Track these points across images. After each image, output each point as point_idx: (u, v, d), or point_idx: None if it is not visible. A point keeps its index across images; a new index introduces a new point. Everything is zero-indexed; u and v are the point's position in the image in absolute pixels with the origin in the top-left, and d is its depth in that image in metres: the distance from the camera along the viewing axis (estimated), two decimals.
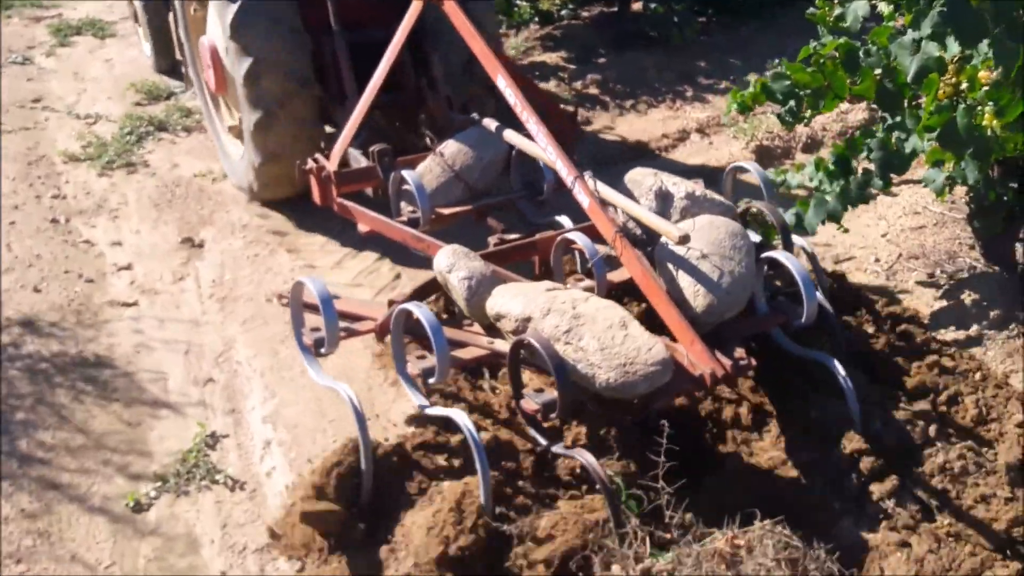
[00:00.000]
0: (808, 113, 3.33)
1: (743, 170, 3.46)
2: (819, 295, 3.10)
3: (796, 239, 3.28)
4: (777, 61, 3.54)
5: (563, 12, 7.56)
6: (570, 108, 4.26)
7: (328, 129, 4.46)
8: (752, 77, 5.86)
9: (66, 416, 3.31)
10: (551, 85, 6.24)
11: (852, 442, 2.71)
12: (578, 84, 6.25)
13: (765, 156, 5.22)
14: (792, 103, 3.35)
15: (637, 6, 7.45)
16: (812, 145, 5.30)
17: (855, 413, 2.79)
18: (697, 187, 3.23)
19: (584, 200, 3.01)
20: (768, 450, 2.80)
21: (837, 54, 3.25)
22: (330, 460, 2.65)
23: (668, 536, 2.34)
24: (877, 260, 4.13)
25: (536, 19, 7.40)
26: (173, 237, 4.48)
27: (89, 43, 7.36)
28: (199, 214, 4.69)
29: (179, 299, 3.99)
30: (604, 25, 7.33)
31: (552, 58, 6.72)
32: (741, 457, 2.82)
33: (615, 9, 7.58)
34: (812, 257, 3.33)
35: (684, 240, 2.80)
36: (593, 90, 6.25)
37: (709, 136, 5.56)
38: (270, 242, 4.35)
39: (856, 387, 2.81)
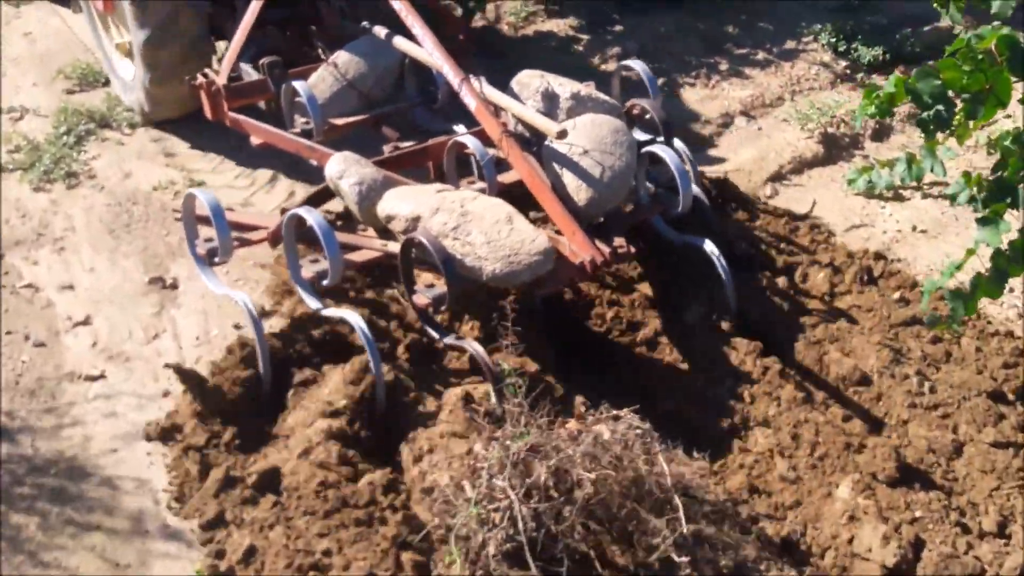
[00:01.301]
0: (963, 121, 2.49)
1: (629, 68, 3.58)
2: (695, 188, 3.29)
3: (675, 142, 3.44)
4: (820, 27, 2.88)
5: None
6: (457, 12, 4.26)
7: (222, 46, 4.37)
8: (790, 44, 5.24)
9: (32, 559, 2.53)
10: (566, 61, 5.18)
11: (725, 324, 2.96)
12: (596, 59, 5.27)
13: (831, 146, 4.48)
14: (941, 108, 2.44)
15: None
16: (881, 132, 4.60)
17: (728, 288, 3.02)
18: (583, 88, 3.33)
19: (471, 103, 3.08)
20: (649, 333, 3.01)
21: (995, 48, 2.40)
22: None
23: (546, 419, 2.51)
24: None
25: None
26: (137, 275, 3.54)
27: (1, 12, 5.91)
28: (166, 242, 3.72)
29: (156, 366, 3.10)
30: None
31: (560, 27, 5.62)
32: (624, 343, 3.02)
33: None
34: (690, 159, 3.48)
35: (562, 135, 2.92)
36: (613, 65, 5.14)
37: (756, 120, 4.77)
38: (260, 278, 3.42)
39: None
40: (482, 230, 2.69)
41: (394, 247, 2.86)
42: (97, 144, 4.41)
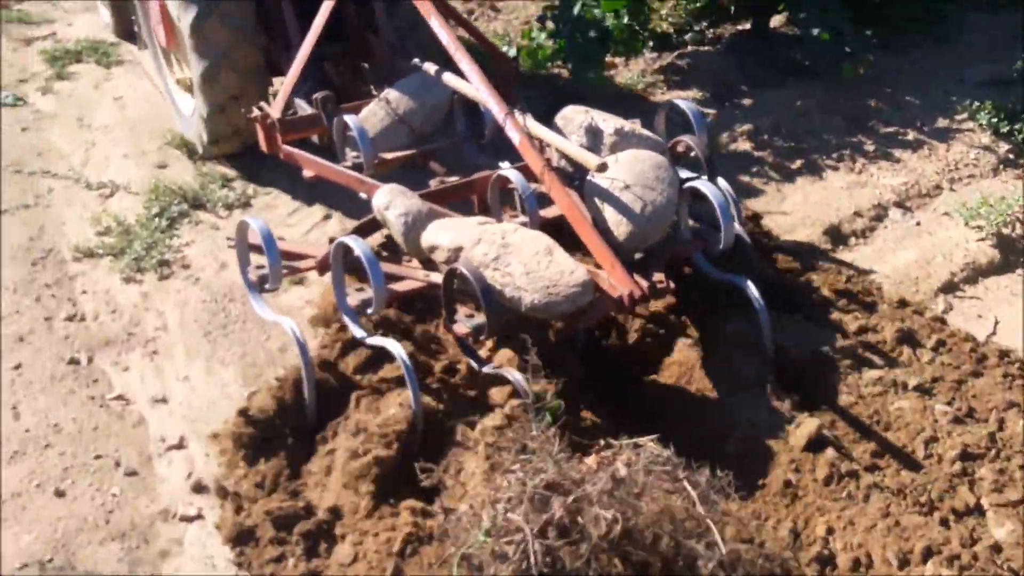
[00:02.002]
0: None
1: (676, 108, 3.63)
2: (736, 226, 3.30)
3: (719, 180, 3.46)
4: (975, 105, 2.73)
5: (687, 35, 5.88)
6: (511, 53, 4.39)
7: (279, 81, 4.55)
8: (942, 123, 4.73)
9: None
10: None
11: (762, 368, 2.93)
12: (724, 136, 4.84)
13: (1007, 250, 3.95)
14: None
15: (778, 22, 5.87)
16: None
17: (765, 328, 3.01)
18: (627, 124, 3.39)
19: (515, 137, 3.16)
20: (683, 363, 3.01)
21: None
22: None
23: (565, 453, 2.51)
24: None
25: (651, 45, 5.74)
26: (235, 388, 3.25)
27: (92, 74, 5.85)
28: (266, 348, 3.42)
29: None
30: (740, 51, 5.70)
31: (682, 98, 4.59)
32: (660, 372, 3.03)
33: (748, 27, 5.96)
34: (734, 198, 3.49)
35: (602, 168, 2.97)
36: (745, 144, 4.80)
37: (913, 213, 4.23)
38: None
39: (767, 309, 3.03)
40: (522, 261, 2.74)
41: (437, 277, 2.92)
42: (191, 228, 4.19)
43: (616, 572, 2.16)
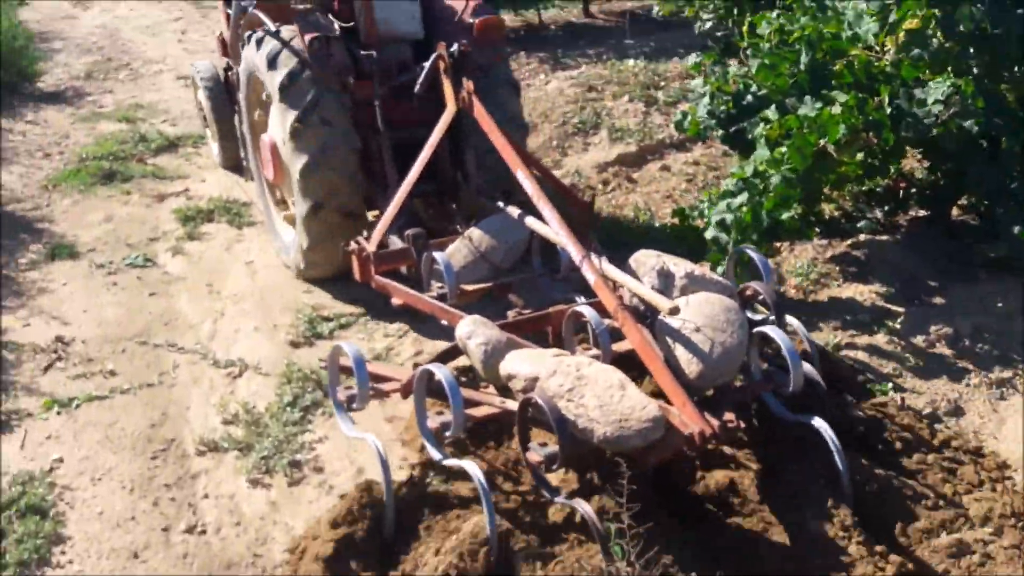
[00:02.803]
0: None
1: (746, 254, 3.81)
2: (809, 368, 3.39)
3: (790, 319, 3.57)
4: None
5: (859, 223, 5.19)
6: (587, 198, 4.68)
7: (372, 214, 4.93)
8: None
9: None
10: (879, 338, 4.25)
11: (840, 512, 2.93)
12: (919, 339, 4.23)
13: None
14: None
15: (960, 210, 5.21)
16: None
17: (843, 473, 3.02)
18: (697, 268, 3.57)
19: (591, 277, 3.36)
20: (755, 509, 3.02)
21: None
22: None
23: None
24: None
25: (818, 231, 5.06)
26: None
27: (224, 234, 5.73)
28: None
29: None
30: (920, 241, 5.02)
31: (864, 293, 4.62)
32: (729, 513, 3.04)
33: (926, 214, 5.24)
34: (809, 340, 3.58)
35: (674, 311, 3.12)
36: (943, 349, 4.21)
37: None
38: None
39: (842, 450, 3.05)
40: (595, 394, 2.87)
41: (512, 405, 3.07)
42: (323, 421, 3.82)
43: None
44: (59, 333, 4.62)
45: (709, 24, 7.18)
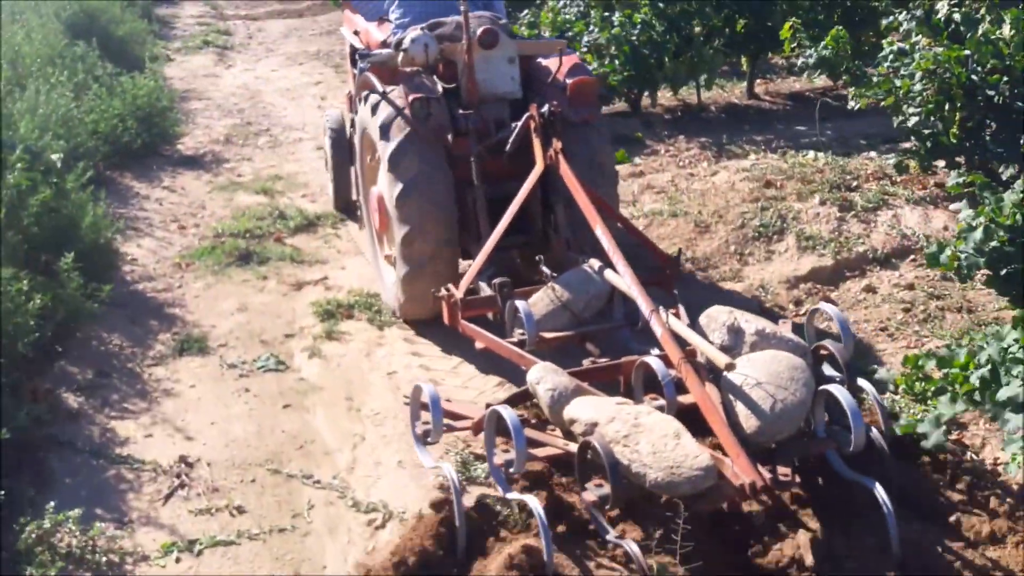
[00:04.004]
0: None
1: (824, 313, 3.87)
2: (874, 430, 3.41)
3: (861, 382, 3.59)
4: None
5: None
6: (672, 253, 4.83)
7: (467, 263, 5.25)
8: None
9: None
10: None
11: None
12: None
13: None
14: None
15: None
16: None
17: (893, 537, 3.03)
18: (768, 325, 3.67)
19: (657, 330, 3.54)
20: (804, 559, 3.07)
21: None
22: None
23: None
24: None
25: None
26: None
27: (364, 335, 5.20)
28: None
29: None
30: None
31: None
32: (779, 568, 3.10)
33: None
34: (880, 403, 3.58)
35: (729, 367, 3.25)
36: None
37: None
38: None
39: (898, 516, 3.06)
40: (650, 441, 3.02)
41: (574, 447, 3.26)
42: None
43: None
44: (183, 451, 4.15)
45: (915, 120, 6.04)
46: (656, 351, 4.04)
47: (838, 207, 6.14)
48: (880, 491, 3.11)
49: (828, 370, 3.68)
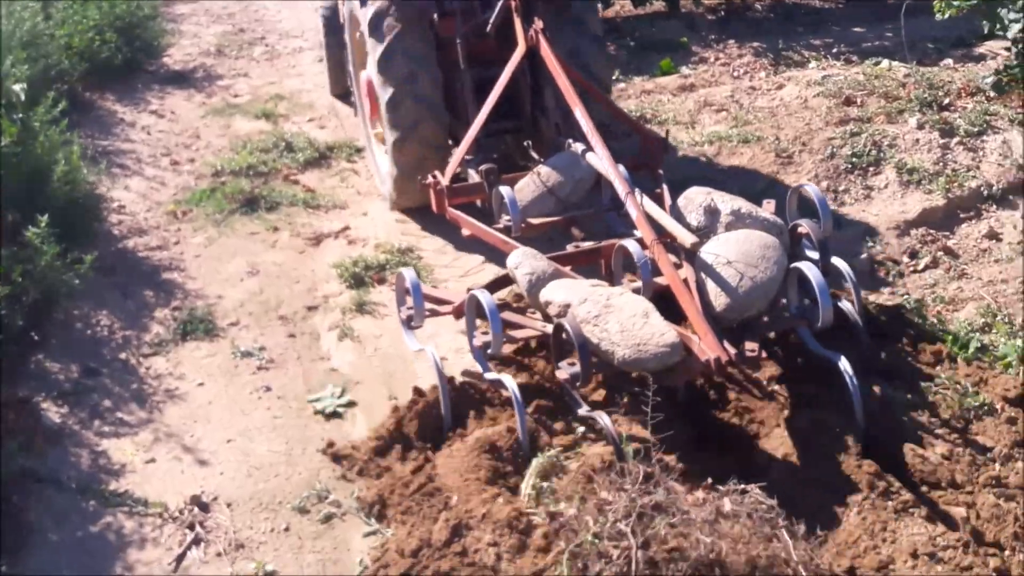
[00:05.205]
0: None
1: (806, 192, 3.88)
2: (847, 306, 3.50)
3: (837, 261, 3.64)
4: None
5: None
6: (660, 133, 4.79)
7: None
8: None
9: None
10: None
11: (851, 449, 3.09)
12: None
13: None
14: None
15: None
16: None
17: (857, 409, 3.16)
18: (744, 205, 3.69)
19: (632, 212, 3.59)
20: (773, 437, 3.23)
21: None
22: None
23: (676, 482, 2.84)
24: None
25: None
26: None
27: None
28: None
29: None
30: None
31: None
32: (747, 437, 3.27)
33: None
34: (853, 281, 3.63)
35: (695, 247, 3.33)
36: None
37: None
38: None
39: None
40: (619, 320, 3.13)
41: (550, 329, 3.38)
42: None
43: None
44: (195, 483, 3.39)
45: (1017, 27, 5.01)
46: (637, 234, 4.11)
47: (939, 132, 5.30)
48: (845, 364, 3.22)
49: (808, 250, 3.73)
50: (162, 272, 4.78)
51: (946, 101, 5.71)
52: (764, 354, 3.22)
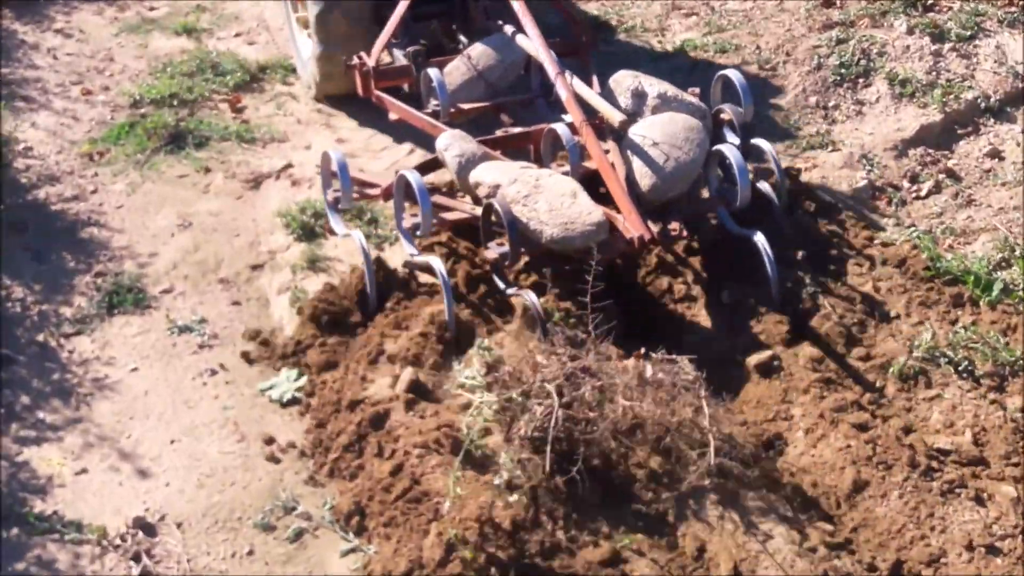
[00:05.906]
0: None
1: (728, 78, 3.93)
2: (765, 185, 3.62)
3: (759, 141, 3.75)
4: None
5: None
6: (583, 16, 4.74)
7: None
8: None
9: None
10: None
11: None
12: None
13: None
14: None
15: None
16: None
17: (773, 283, 3.34)
18: (670, 89, 3.73)
19: (563, 93, 3.60)
20: (691, 308, 3.40)
21: None
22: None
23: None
24: None
25: None
26: None
27: (358, 260, 3.60)
28: None
29: None
30: None
31: None
32: (666, 310, 3.43)
33: None
34: (777, 162, 3.75)
35: (624, 125, 3.38)
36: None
37: None
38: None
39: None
40: (547, 200, 3.19)
41: (479, 211, 3.42)
42: None
43: (615, 456, 2.64)
44: (137, 500, 2.91)
45: None
46: (568, 118, 4.12)
47: (930, 36, 4.87)
48: (761, 241, 3.37)
49: (729, 134, 3.82)
50: (80, 228, 4.10)
51: (930, 1, 5.26)
52: (685, 233, 3.34)
